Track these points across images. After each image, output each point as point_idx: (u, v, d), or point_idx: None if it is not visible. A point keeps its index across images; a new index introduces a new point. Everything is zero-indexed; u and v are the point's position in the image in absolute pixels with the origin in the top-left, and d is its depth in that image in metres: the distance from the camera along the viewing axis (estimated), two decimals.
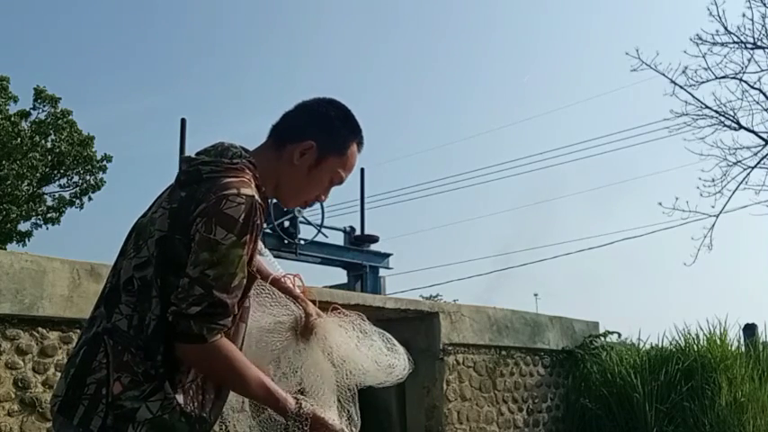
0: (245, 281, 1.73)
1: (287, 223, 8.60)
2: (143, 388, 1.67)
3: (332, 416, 1.87)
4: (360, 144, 1.98)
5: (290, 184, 1.92)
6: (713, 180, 11.36)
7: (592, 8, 54.18)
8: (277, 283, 2.07)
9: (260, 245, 1.96)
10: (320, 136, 1.90)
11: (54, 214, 21.92)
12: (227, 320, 1.70)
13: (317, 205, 8.85)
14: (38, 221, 21.76)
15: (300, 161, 1.89)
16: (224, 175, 1.76)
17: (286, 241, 8.52)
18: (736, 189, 11.31)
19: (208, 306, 1.65)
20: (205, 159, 1.81)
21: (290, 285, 2.10)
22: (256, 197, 1.73)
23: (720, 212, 11.36)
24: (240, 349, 1.83)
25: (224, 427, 1.98)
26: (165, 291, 1.69)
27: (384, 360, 2.03)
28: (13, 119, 20.56)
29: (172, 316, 1.66)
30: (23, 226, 21.52)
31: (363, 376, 2.00)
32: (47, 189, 21.94)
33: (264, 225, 1.90)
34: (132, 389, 1.66)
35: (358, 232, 9.72)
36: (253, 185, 1.77)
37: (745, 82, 11.23)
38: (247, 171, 1.80)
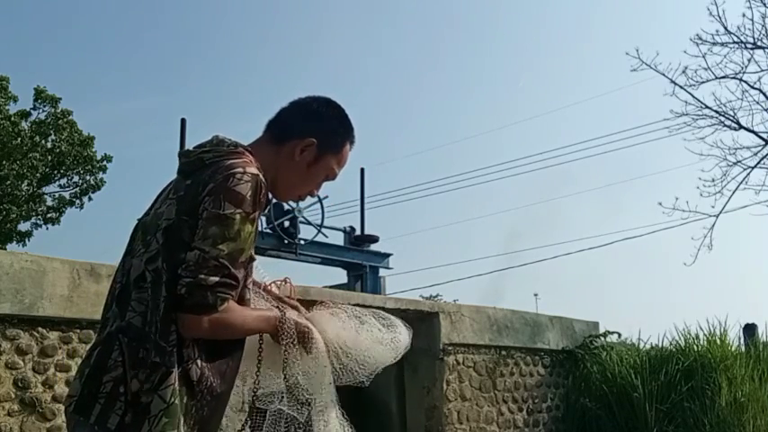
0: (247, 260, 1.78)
1: (287, 223, 8.59)
2: (152, 378, 1.68)
3: (331, 412, 1.91)
4: (352, 143, 2.07)
5: (287, 178, 1.98)
6: (713, 180, 11.38)
7: (592, 8, 54.17)
8: (265, 291, 2.10)
9: None
10: (320, 134, 1.97)
11: (54, 214, 21.92)
12: (235, 291, 1.75)
13: (317, 205, 8.85)
14: (38, 221, 21.77)
15: (301, 157, 1.96)
16: (227, 158, 1.82)
17: (286, 241, 8.52)
18: (736, 189, 11.34)
19: (223, 277, 1.70)
20: (205, 149, 1.87)
21: (276, 290, 2.14)
22: (260, 176, 1.80)
23: (720, 212, 11.38)
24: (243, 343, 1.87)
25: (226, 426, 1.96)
26: (173, 270, 1.71)
27: (386, 337, 2.05)
28: (13, 119, 20.56)
29: (186, 287, 1.68)
30: (23, 226, 21.55)
31: (373, 360, 2.01)
32: (47, 189, 21.95)
33: (268, 207, 1.96)
34: (146, 382, 1.68)
35: (358, 232, 9.71)
36: (255, 166, 1.83)
37: (745, 82, 11.25)
38: (247, 154, 1.87)
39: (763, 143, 11.36)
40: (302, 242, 8.75)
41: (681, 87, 11.30)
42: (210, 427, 1.78)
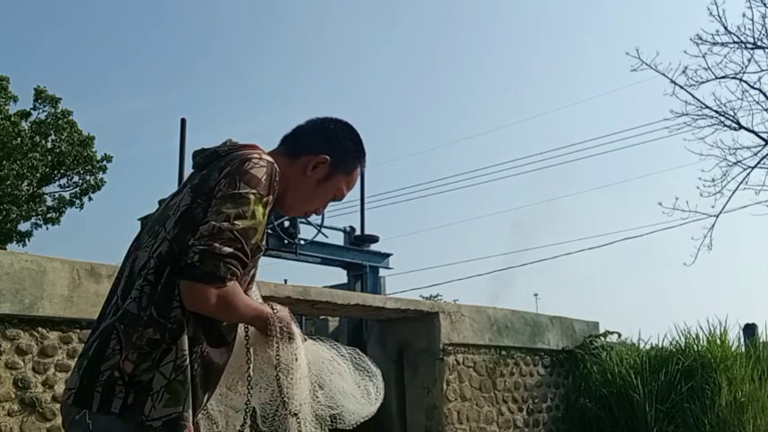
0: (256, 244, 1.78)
1: (287, 223, 8.58)
2: (153, 356, 1.69)
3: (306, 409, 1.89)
4: (363, 167, 2.11)
5: (297, 192, 1.99)
6: (713, 180, 11.35)
7: (592, 8, 54.19)
8: None
9: None
10: (334, 153, 2.00)
11: (54, 214, 21.90)
12: (244, 269, 1.75)
13: None
14: (38, 221, 21.74)
15: (312, 173, 1.98)
16: (243, 149, 1.88)
17: (286, 241, 8.51)
18: (736, 189, 11.30)
19: (237, 250, 1.70)
20: (219, 146, 1.93)
21: None
22: (275, 165, 1.83)
23: (720, 212, 11.35)
24: (234, 340, 1.88)
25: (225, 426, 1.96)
26: (180, 250, 1.72)
27: (368, 390, 2.01)
28: (13, 119, 20.54)
29: (199, 255, 1.67)
30: (23, 226, 21.52)
31: (343, 403, 1.98)
32: (47, 189, 21.92)
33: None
34: (143, 361, 1.68)
35: (358, 232, 9.69)
36: (271, 158, 1.87)
37: (745, 82, 11.22)
38: (262, 148, 1.92)
39: (763, 143, 11.35)
40: (302, 242, 8.74)
41: (681, 87, 11.28)
42: None
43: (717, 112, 11.32)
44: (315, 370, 1.95)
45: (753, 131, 11.40)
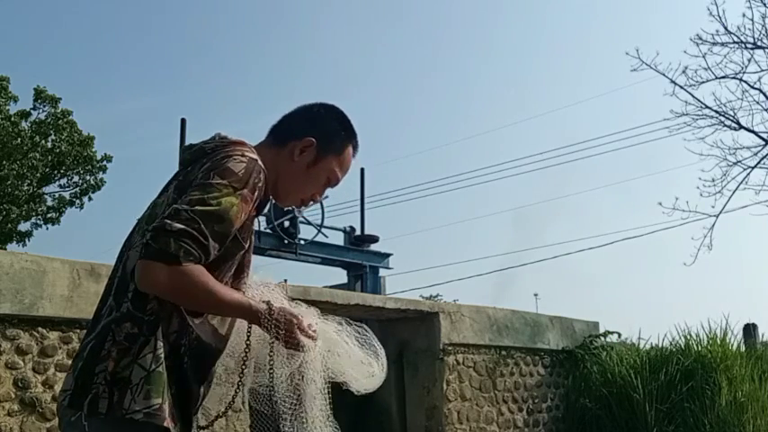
0: (227, 240, 1.72)
1: (287, 223, 8.58)
2: (132, 350, 1.68)
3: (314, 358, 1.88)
4: (355, 147, 2.05)
5: (288, 179, 1.96)
6: (713, 180, 11.36)
7: (592, 8, 54.20)
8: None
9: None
10: (320, 135, 1.96)
11: (54, 214, 21.90)
12: (204, 254, 1.65)
13: (317, 205, 8.84)
14: (38, 221, 21.75)
15: (300, 158, 1.95)
16: (229, 146, 1.84)
17: (286, 241, 8.51)
18: (736, 189, 11.31)
19: (191, 228, 1.63)
20: (207, 141, 1.90)
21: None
22: (260, 162, 1.80)
23: (720, 212, 11.36)
24: (230, 332, 1.85)
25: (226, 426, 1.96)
26: None
27: (364, 369, 2.01)
28: (13, 119, 20.54)
29: (151, 233, 1.62)
30: (23, 226, 21.52)
31: (352, 382, 1.99)
32: (47, 189, 21.92)
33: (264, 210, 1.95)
34: (123, 357, 1.67)
35: (358, 232, 9.70)
36: (256, 155, 1.84)
37: (745, 82, 11.23)
38: (250, 146, 1.89)
39: (763, 143, 11.35)
40: (302, 242, 8.75)
41: (681, 87, 11.28)
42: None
43: (717, 112, 11.34)
44: (323, 351, 1.93)
45: (753, 131, 11.41)
